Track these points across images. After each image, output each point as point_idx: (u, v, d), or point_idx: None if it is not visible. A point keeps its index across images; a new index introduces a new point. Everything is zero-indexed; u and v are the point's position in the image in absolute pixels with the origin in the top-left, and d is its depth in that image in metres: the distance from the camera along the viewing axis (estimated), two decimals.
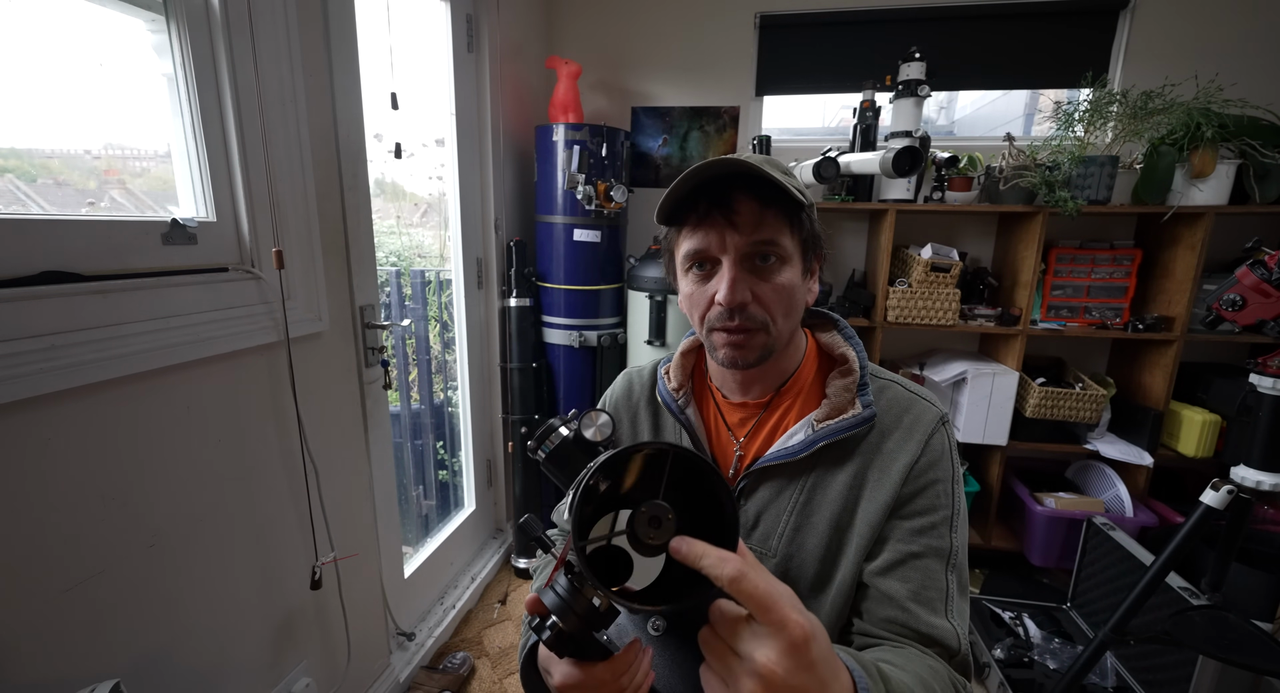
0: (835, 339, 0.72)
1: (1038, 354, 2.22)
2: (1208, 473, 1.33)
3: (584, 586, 0.41)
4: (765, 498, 0.68)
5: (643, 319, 1.99)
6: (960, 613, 0.61)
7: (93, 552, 0.81)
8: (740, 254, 0.60)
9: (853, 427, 0.64)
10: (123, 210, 0.95)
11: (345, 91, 1.25)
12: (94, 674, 0.79)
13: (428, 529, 1.97)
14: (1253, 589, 1.61)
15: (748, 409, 0.71)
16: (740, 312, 0.61)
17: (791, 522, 0.66)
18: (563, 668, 0.47)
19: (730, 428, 0.72)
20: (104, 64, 0.90)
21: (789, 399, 0.70)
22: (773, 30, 2.28)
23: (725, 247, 0.60)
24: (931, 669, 0.55)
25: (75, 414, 0.78)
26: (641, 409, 0.78)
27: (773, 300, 0.62)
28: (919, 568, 0.61)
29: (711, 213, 0.60)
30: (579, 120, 2.04)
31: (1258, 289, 1.12)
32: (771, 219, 0.60)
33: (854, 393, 0.66)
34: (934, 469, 0.64)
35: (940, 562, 0.62)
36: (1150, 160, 1.83)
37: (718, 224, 0.60)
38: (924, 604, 0.60)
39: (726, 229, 0.60)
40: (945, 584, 0.61)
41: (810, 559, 0.65)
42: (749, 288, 0.61)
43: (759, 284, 0.61)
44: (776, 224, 0.60)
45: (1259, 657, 1.04)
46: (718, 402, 0.73)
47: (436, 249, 1.95)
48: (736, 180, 0.59)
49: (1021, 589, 1.98)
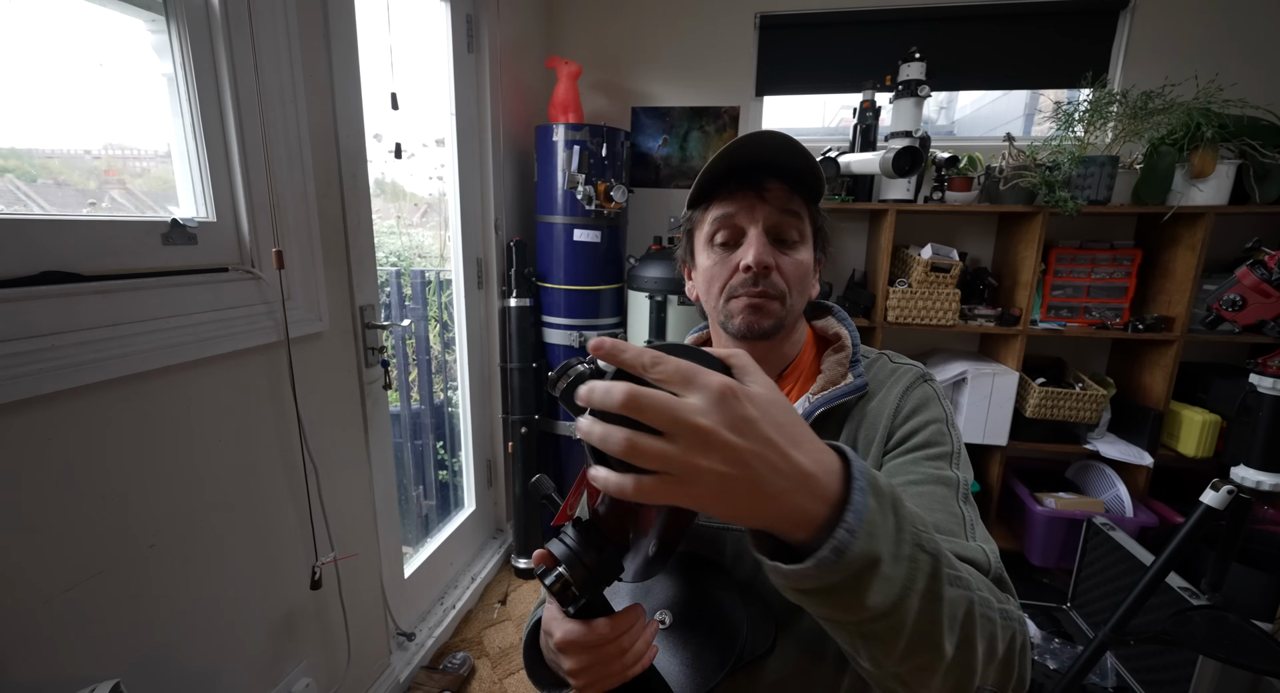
0: (829, 322, 0.76)
1: (1038, 354, 2.22)
2: (1208, 473, 1.33)
3: (592, 538, 0.42)
4: None
5: (643, 319, 1.99)
6: (985, 538, 0.52)
7: (93, 552, 0.81)
8: (767, 224, 0.64)
9: (844, 395, 0.66)
10: (123, 210, 0.95)
11: (345, 91, 1.24)
12: (94, 674, 0.79)
13: (428, 529, 1.97)
14: (1253, 589, 1.61)
15: None
16: (764, 277, 0.64)
17: None
18: (565, 625, 0.45)
19: None
20: (104, 64, 0.90)
21: (791, 382, 0.73)
22: (773, 30, 2.28)
23: (754, 217, 0.64)
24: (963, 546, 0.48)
25: (75, 414, 0.78)
26: None
27: (792, 274, 0.66)
28: (925, 494, 0.54)
29: (742, 188, 0.65)
30: (579, 120, 2.04)
31: (1258, 289, 1.12)
32: (798, 200, 0.65)
33: (847, 366, 0.69)
34: (923, 410, 0.63)
35: (950, 490, 0.55)
36: (1150, 160, 1.83)
37: (748, 197, 0.64)
38: (939, 528, 0.51)
39: (756, 201, 0.64)
40: (960, 511, 0.54)
41: None
42: (773, 257, 0.65)
43: (781, 258, 0.65)
44: (802, 204, 0.66)
45: (1259, 657, 1.04)
46: None
47: (436, 249, 1.95)
48: (763, 167, 0.64)
49: (1021, 589, 1.98)
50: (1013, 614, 0.44)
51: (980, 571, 0.47)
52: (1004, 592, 0.47)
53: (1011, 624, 0.43)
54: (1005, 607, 0.43)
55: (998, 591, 0.45)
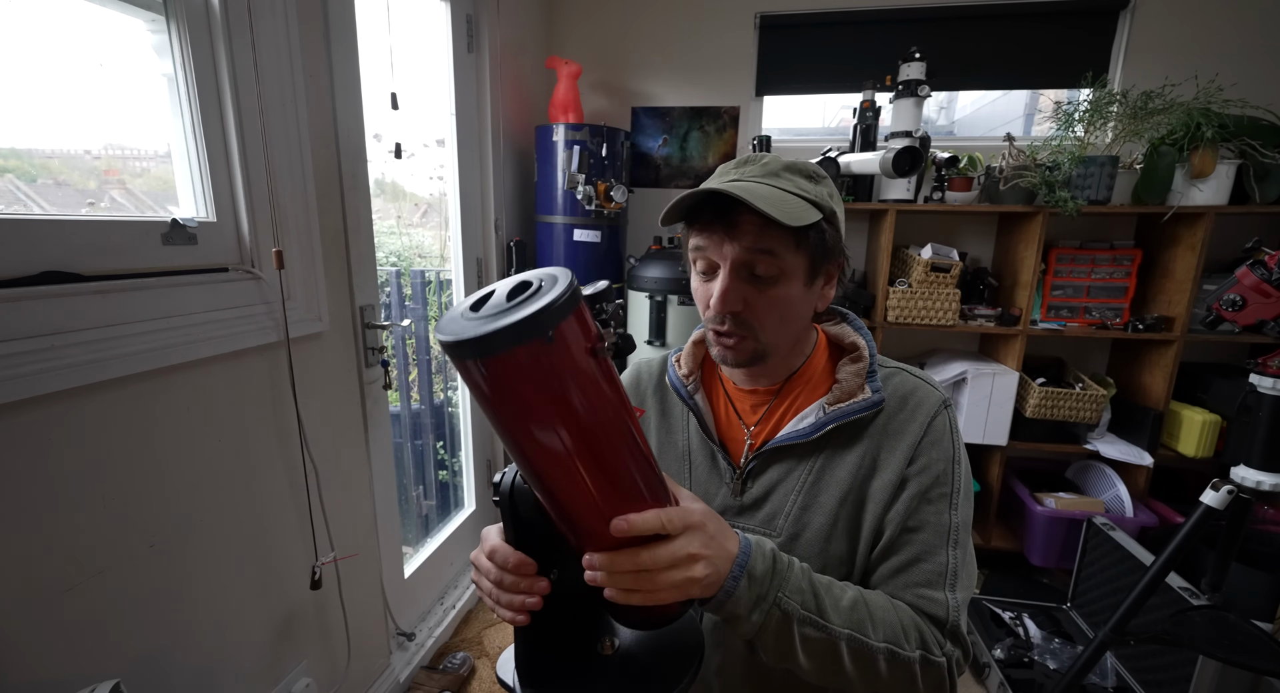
0: (845, 330, 0.75)
1: (1038, 354, 2.22)
2: (1208, 473, 1.33)
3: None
4: (773, 478, 0.69)
5: (643, 319, 1.99)
6: (964, 586, 0.63)
7: (93, 552, 0.81)
8: (736, 264, 0.62)
9: (861, 410, 0.65)
10: (123, 210, 0.95)
11: (345, 92, 1.24)
12: (94, 674, 0.79)
13: (428, 529, 1.97)
14: (1253, 589, 1.61)
15: (758, 396, 0.73)
16: (732, 318, 0.63)
17: (799, 501, 0.68)
18: (491, 542, 0.53)
19: (740, 415, 0.74)
20: (104, 64, 0.89)
21: (800, 386, 0.71)
22: (773, 30, 2.28)
23: (723, 254, 0.62)
24: (894, 606, 0.60)
25: (75, 414, 0.78)
26: (649, 395, 0.81)
27: (765, 312, 0.63)
28: (918, 543, 0.63)
29: (714, 222, 0.62)
30: (579, 120, 2.04)
31: (1258, 289, 1.12)
32: (773, 235, 0.60)
33: (863, 378, 0.68)
34: (935, 448, 0.65)
35: (941, 538, 0.63)
36: (1150, 160, 1.83)
37: (717, 232, 0.62)
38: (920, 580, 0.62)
39: (725, 239, 0.61)
40: (946, 559, 0.63)
41: (816, 538, 0.66)
42: (742, 297, 0.63)
43: (755, 295, 0.63)
44: (778, 239, 0.60)
45: (1259, 657, 1.04)
46: (728, 390, 0.75)
47: (436, 249, 1.95)
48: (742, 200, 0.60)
49: (1021, 589, 1.98)
50: (932, 660, 0.58)
51: (937, 624, 0.60)
52: (950, 641, 0.59)
53: (914, 666, 0.57)
54: (925, 654, 0.58)
55: (933, 639, 0.59)
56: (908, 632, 0.58)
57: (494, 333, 0.34)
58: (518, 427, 0.39)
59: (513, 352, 0.35)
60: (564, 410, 0.39)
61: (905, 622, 0.59)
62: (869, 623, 0.57)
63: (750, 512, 0.70)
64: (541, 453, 0.40)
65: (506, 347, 0.35)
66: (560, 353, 0.37)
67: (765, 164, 0.64)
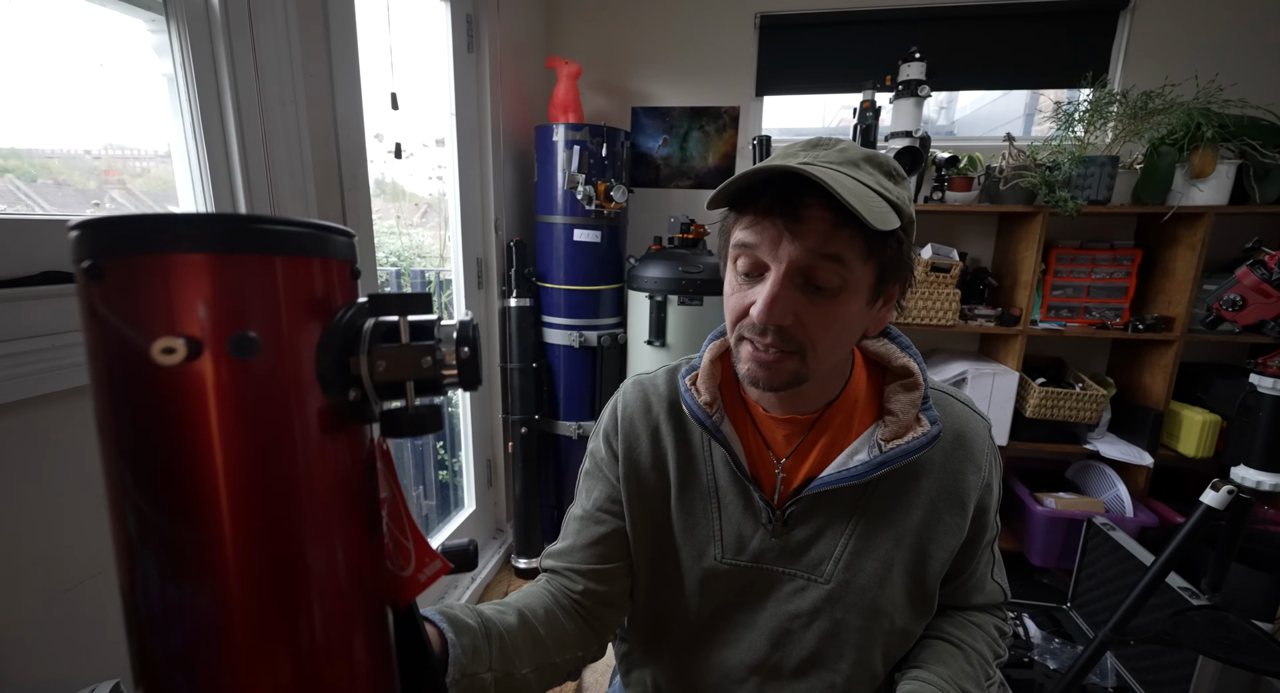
0: (890, 349, 0.65)
1: (1038, 354, 2.22)
2: (1208, 473, 1.33)
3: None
4: (819, 523, 0.63)
5: (643, 319, 1.99)
6: (1001, 573, 0.72)
7: (93, 552, 0.81)
8: (793, 268, 0.51)
9: (921, 447, 0.58)
10: (123, 211, 0.94)
11: (345, 91, 1.24)
12: (94, 674, 0.79)
13: (428, 529, 1.97)
14: (1253, 589, 1.61)
15: (795, 425, 0.63)
16: (776, 331, 0.53)
17: (850, 547, 0.62)
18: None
19: (771, 446, 0.64)
20: (104, 64, 0.89)
21: (842, 415, 0.62)
22: (773, 30, 2.28)
23: (778, 255, 0.51)
24: (972, 657, 0.67)
25: (76, 414, 0.78)
26: (663, 423, 0.68)
27: (819, 330, 0.53)
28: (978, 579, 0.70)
29: (772, 212, 0.51)
30: (579, 120, 2.04)
31: (1258, 289, 1.12)
32: (844, 237, 0.50)
33: (918, 408, 0.60)
34: (995, 483, 0.67)
35: (988, 565, 0.71)
36: (1150, 160, 1.83)
37: (776, 225, 0.51)
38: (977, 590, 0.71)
39: (784, 235, 0.50)
40: (991, 557, 0.71)
41: (870, 584, 0.61)
42: (794, 310, 0.52)
43: (808, 308, 0.52)
44: (850, 244, 0.50)
45: (1259, 657, 1.04)
46: (755, 417, 0.65)
47: (436, 249, 1.95)
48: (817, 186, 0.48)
49: (1021, 589, 1.98)
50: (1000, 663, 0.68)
51: (995, 606, 0.70)
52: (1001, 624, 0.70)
53: (997, 672, 0.66)
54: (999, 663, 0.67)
55: (999, 644, 0.69)
56: (993, 645, 0.69)
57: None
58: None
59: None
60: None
61: (975, 659, 0.67)
62: (975, 681, 0.64)
63: (795, 555, 0.64)
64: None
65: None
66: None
67: (843, 150, 0.53)
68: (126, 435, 0.24)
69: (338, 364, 0.25)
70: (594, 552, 0.69)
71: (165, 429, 0.23)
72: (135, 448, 0.24)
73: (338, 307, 0.27)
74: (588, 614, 0.68)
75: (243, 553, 0.24)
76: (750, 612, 0.67)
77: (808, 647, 0.65)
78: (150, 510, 0.23)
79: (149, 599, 0.24)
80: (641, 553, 0.69)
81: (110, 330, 0.22)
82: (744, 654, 0.68)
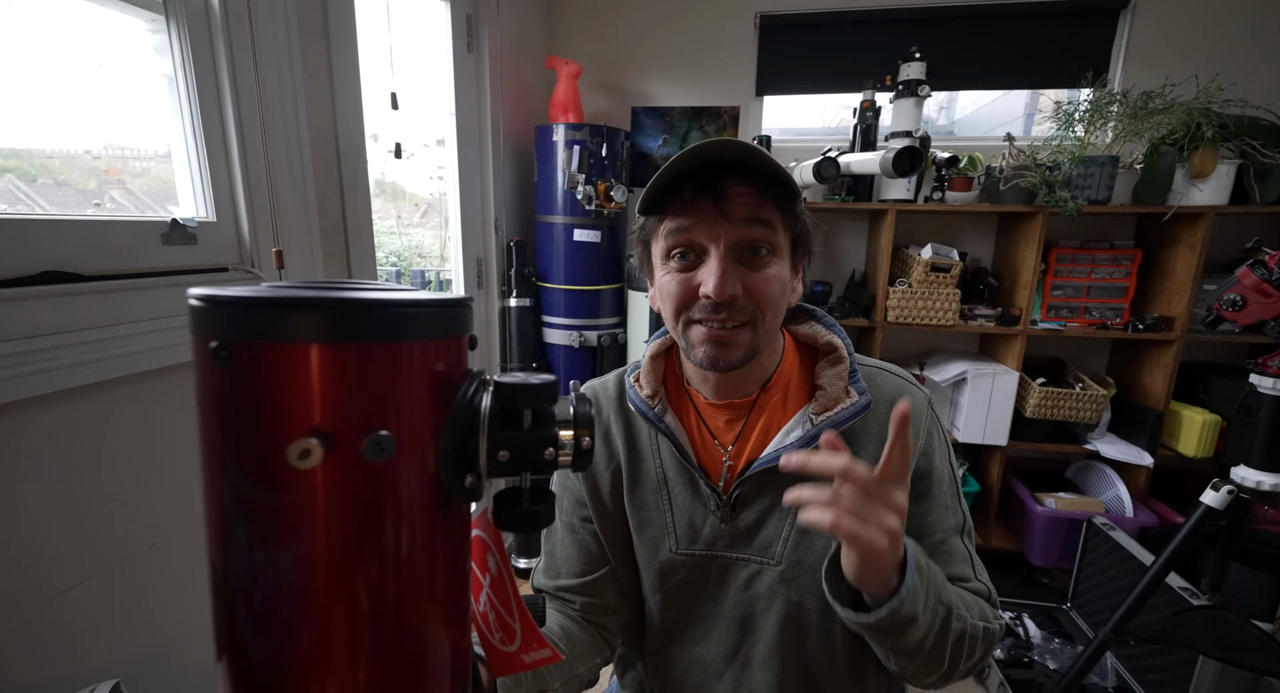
0: (816, 329, 0.68)
1: (1038, 354, 2.22)
2: (1208, 473, 1.33)
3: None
4: (765, 502, 0.64)
5: (643, 319, 1.99)
6: (981, 568, 0.66)
7: (93, 552, 0.81)
8: (730, 241, 0.56)
9: (851, 416, 0.61)
10: (123, 210, 0.95)
11: (345, 91, 1.24)
12: (94, 674, 0.79)
13: None
14: (1253, 589, 1.61)
15: (732, 410, 0.66)
16: (729, 306, 0.57)
17: (797, 526, 0.63)
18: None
19: (715, 433, 0.67)
20: (104, 64, 0.89)
21: (777, 395, 0.65)
22: (773, 30, 2.28)
23: (714, 235, 0.56)
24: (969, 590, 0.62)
25: (75, 414, 0.78)
26: (612, 422, 0.71)
27: (763, 294, 0.57)
28: (947, 551, 0.64)
29: (699, 198, 0.56)
30: (579, 120, 2.04)
31: (1258, 289, 1.12)
32: (769, 207, 0.56)
33: (846, 380, 0.63)
34: (935, 454, 0.65)
35: (958, 537, 0.65)
36: (1150, 160, 1.83)
37: (706, 211, 0.56)
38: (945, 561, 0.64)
39: (717, 217, 0.55)
40: (967, 553, 0.65)
41: (820, 563, 0.61)
42: (739, 279, 0.57)
43: (750, 276, 0.57)
44: (773, 212, 0.57)
45: (1259, 657, 1.04)
46: (698, 405, 0.68)
47: (436, 249, 1.95)
48: (728, 168, 0.55)
49: (1021, 589, 1.98)
50: (993, 630, 0.60)
51: (982, 597, 0.63)
52: (993, 609, 0.63)
53: (990, 638, 0.59)
54: (988, 625, 0.59)
55: (989, 611, 0.61)
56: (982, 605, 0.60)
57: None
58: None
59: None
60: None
61: (967, 597, 0.60)
62: (962, 603, 0.57)
63: (744, 539, 0.65)
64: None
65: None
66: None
67: (731, 141, 0.58)
68: (243, 520, 0.23)
69: (457, 448, 0.24)
70: (577, 564, 0.71)
71: (287, 524, 0.22)
72: (252, 539, 0.23)
73: (459, 382, 0.25)
74: (593, 624, 0.70)
75: (342, 633, 0.24)
76: (714, 603, 0.69)
77: (771, 633, 0.66)
78: (260, 598, 0.24)
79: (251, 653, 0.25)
80: (613, 554, 0.72)
81: (236, 419, 0.21)
82: (716, 646, 0.70)
